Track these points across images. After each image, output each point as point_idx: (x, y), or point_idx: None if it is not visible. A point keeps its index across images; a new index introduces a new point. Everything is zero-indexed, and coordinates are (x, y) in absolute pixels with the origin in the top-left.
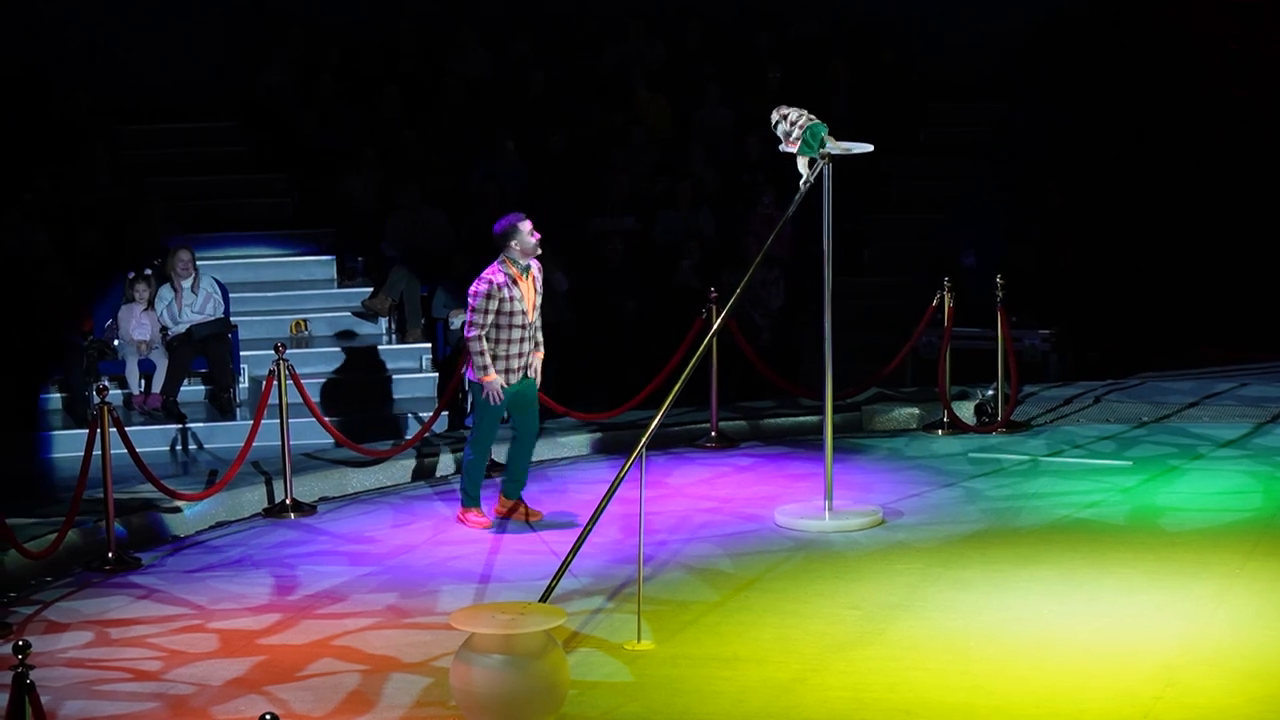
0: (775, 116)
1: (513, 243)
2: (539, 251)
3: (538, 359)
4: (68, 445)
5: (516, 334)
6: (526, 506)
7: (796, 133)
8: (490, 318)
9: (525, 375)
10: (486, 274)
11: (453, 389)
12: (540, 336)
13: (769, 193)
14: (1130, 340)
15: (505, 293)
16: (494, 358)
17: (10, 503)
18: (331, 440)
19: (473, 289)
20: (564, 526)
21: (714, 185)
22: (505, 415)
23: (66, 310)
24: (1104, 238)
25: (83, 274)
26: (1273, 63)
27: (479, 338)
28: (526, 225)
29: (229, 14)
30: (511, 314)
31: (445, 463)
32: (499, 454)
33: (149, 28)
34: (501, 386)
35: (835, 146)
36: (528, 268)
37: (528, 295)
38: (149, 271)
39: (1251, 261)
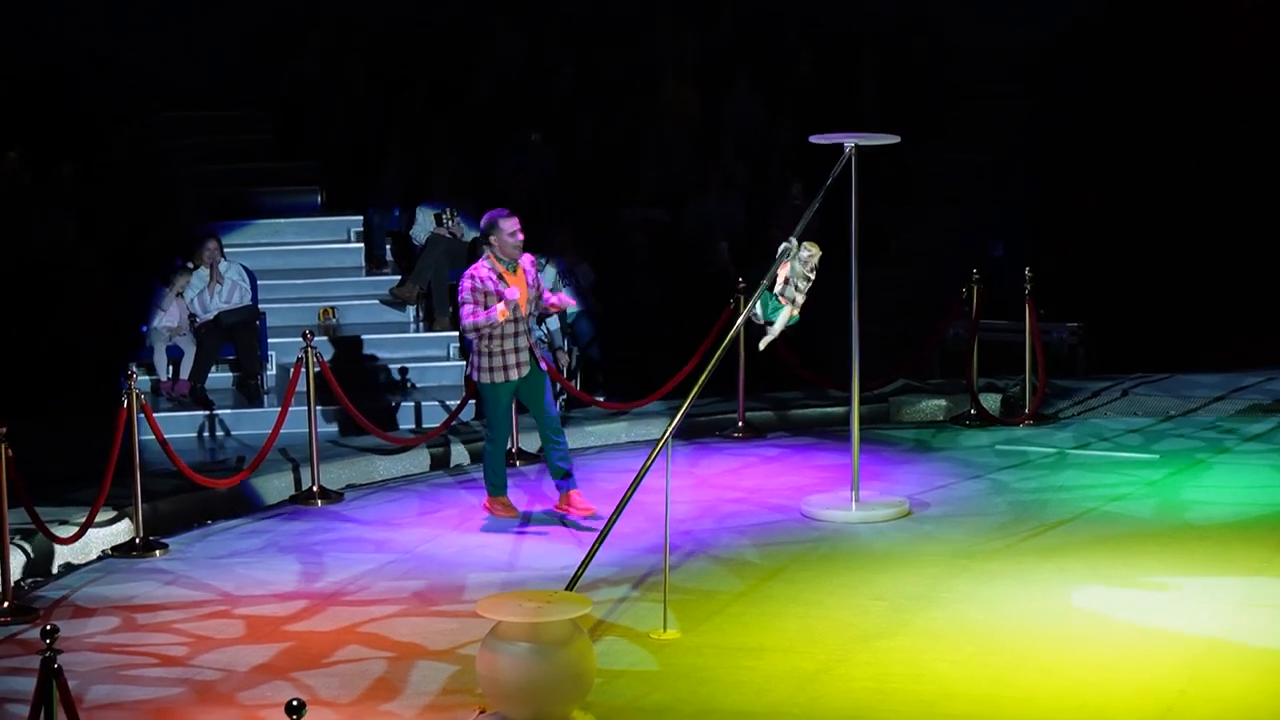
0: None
1: (493, 239)
2: (519, 252)
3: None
4: (96, 430)
5: (510, 328)
6: (569, 498)
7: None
8: (477, 308)
9: (531, 368)
10: (471, 270)
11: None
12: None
13: (797, 183)
14: (1158, 334)
15: (490, 287)
16: (490, 355)
17: (38, 486)
18: (359, 428)
19: (460, 285)
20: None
21: (743, 176)
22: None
23: (97, 299)
24: (1133, 232)
25: (113, 263)
26: None
27: (472, 312)
28: (509, 225)
29: (257, 2)
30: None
31: (472, 451)
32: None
33: (175, 16)
34: (503, 381)
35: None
36: (515, 263)
37: (519, 290)
38: (190, 264)
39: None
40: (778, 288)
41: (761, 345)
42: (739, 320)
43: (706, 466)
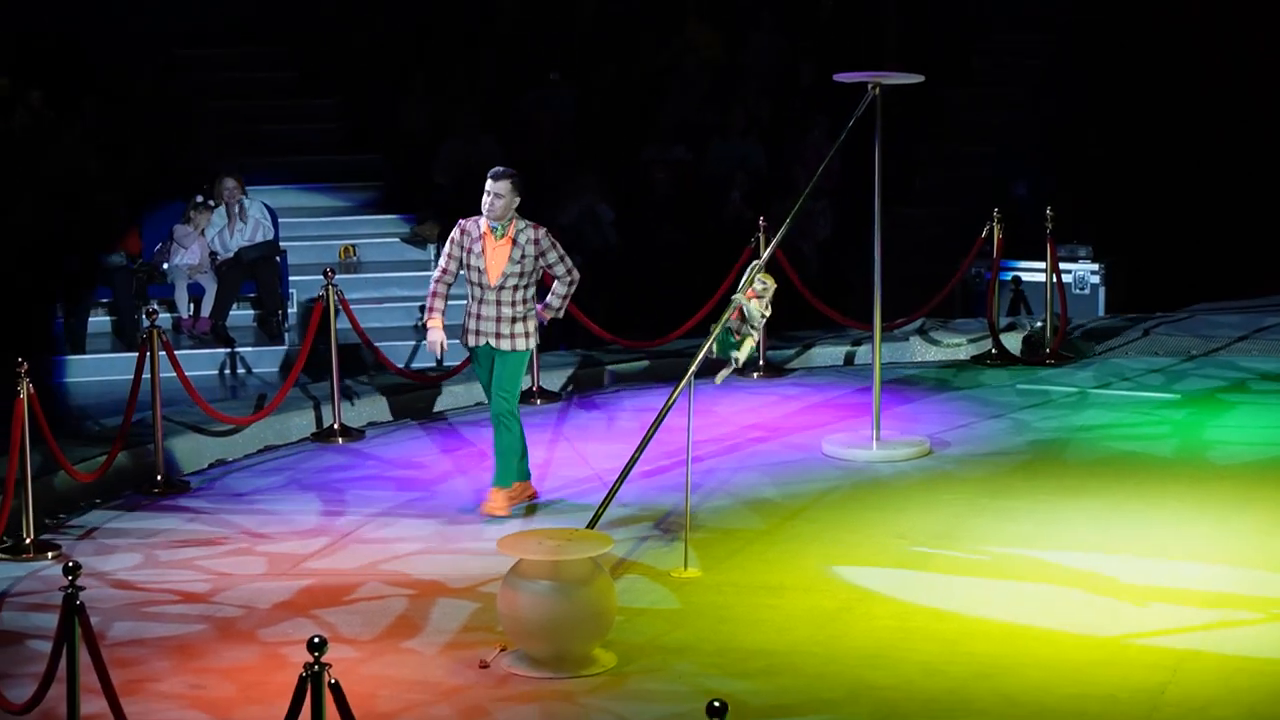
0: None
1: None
2: (496, 216)
3: (549, 309)
4: (117, 368)
5: (476, 293)
6: (494, 501)
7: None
8: (452, 263)
9: (488, 344)
10: (463, 220)
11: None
12: (554, 296)
13: (820, 122)
14: (1180, 273)
15: (466, 242)
16: (466, 313)
17: (60, 425)
18: (380, 365)
19: None
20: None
21: (764, 115)
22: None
23: (116, 234)
24: (1155, 171)
25: (133, 198)
26: None
27: (436, 279)
28: (488, 184)
29: None
30: (469, 268)
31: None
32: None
33: None
34: (444, 342)
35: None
36: (503, 230)
37: (491, 257)
38: (211, 203)
39: None
40: (735, 324)
41: (718, 379)
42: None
43: (727, 405)
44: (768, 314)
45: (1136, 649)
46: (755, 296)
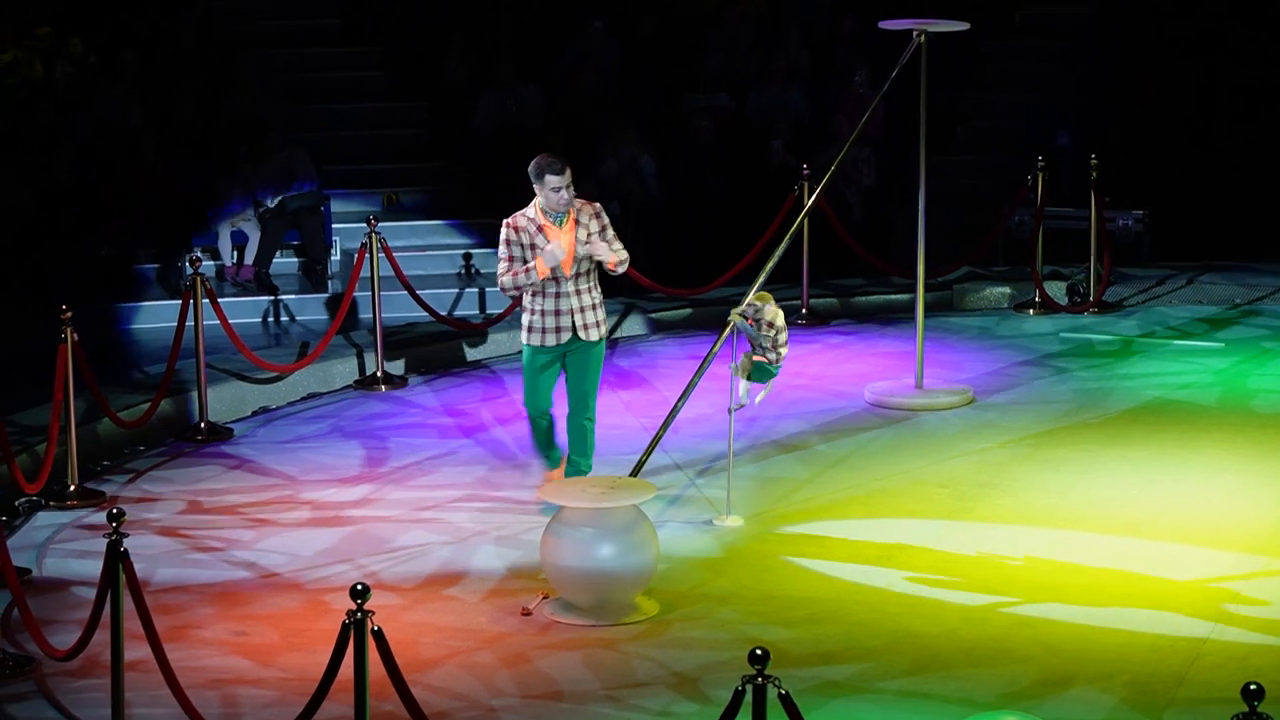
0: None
1: (536, 187)
2: (566, 207)
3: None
4: (161, 316)
5: (550, 287)
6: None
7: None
8: (517, 263)
9: (575, 336)
10: (512, 217)
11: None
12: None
13: (862, 71)
14: (1224, 222)
15: (526, 238)
16: (530, 311)
17: (104, 372)
18: (423, 313)
19: (501, 234)
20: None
21: (807, 63)
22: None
23: (161, 182)
24: (1200, 120)
25: (176, 147)
26: None
27: (508, 269)
28: (552, 180)
29: None
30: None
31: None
32: None
33: None
34: (539, 345)
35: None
36: (563, 216)
37: (562, 244)
38: (256, 151)
39: None
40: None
41: (757, 400)
42: (796, 222)
43: None
44: (779, 324)
45: (1178, 598)
46: (749, 319)
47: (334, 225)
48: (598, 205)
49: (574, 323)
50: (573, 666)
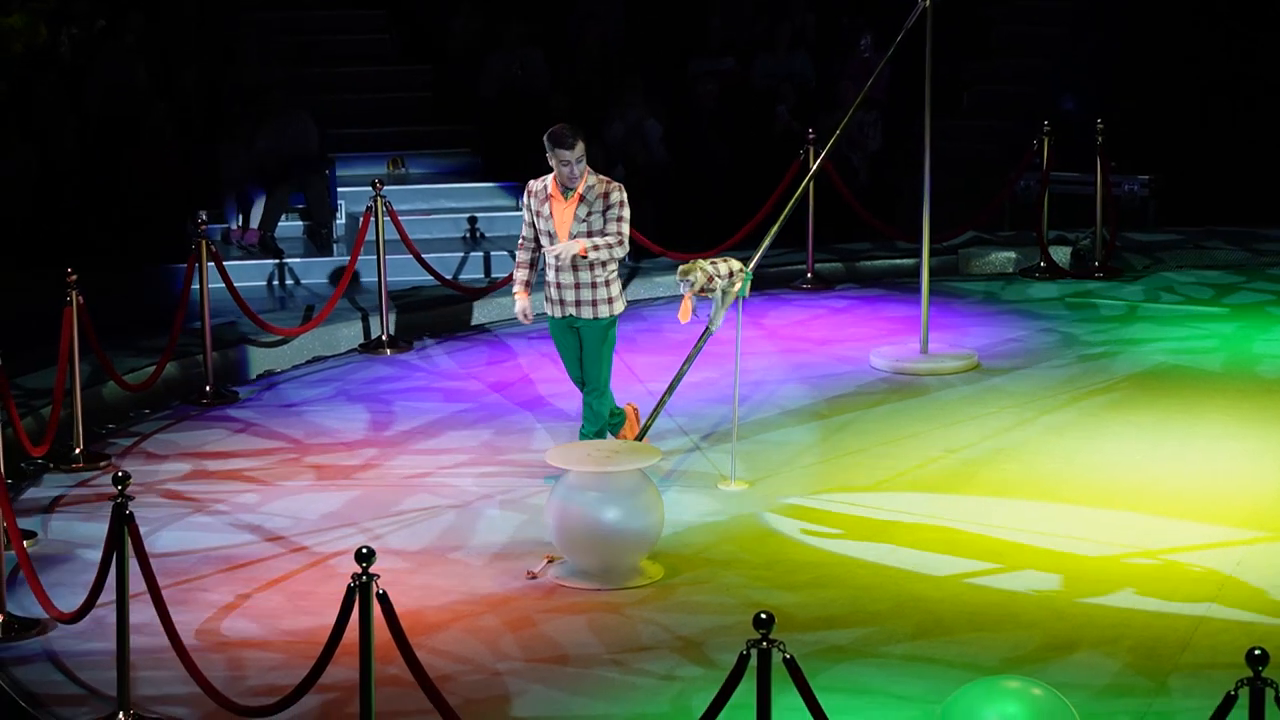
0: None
1: (549, 158)
2: (576, 181)
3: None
4: (166, 279)
5: (552, 259)
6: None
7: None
8: (527, 229)
9: (577, 313)
10: (531, 182)
11: None
12: (595, 237)
13: (867, 35)
14: (1229, 187)
15: (534, 204)
16: (545, 282)
17: (109, 335)
18: (428, 277)
19: None
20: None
21: (812, 28)
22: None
23: (165, 146)
24: (1205, 83)
25: (180, 110)
26: None
27: (520, 245)
28: (561, 153)
29: None
30: (540, 232)
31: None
32: None
33: None
34: (529, 311)
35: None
36: (572, 189)
37: (559, 219)
38: (260, 114)
39: None
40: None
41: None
42: (801, 186)
43: (775, 318)
44: (722, 271)
45: (1182, 564)
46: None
47: (339, 189)
48: (616, 185)
49: (571, 298)
50: (578, 630)
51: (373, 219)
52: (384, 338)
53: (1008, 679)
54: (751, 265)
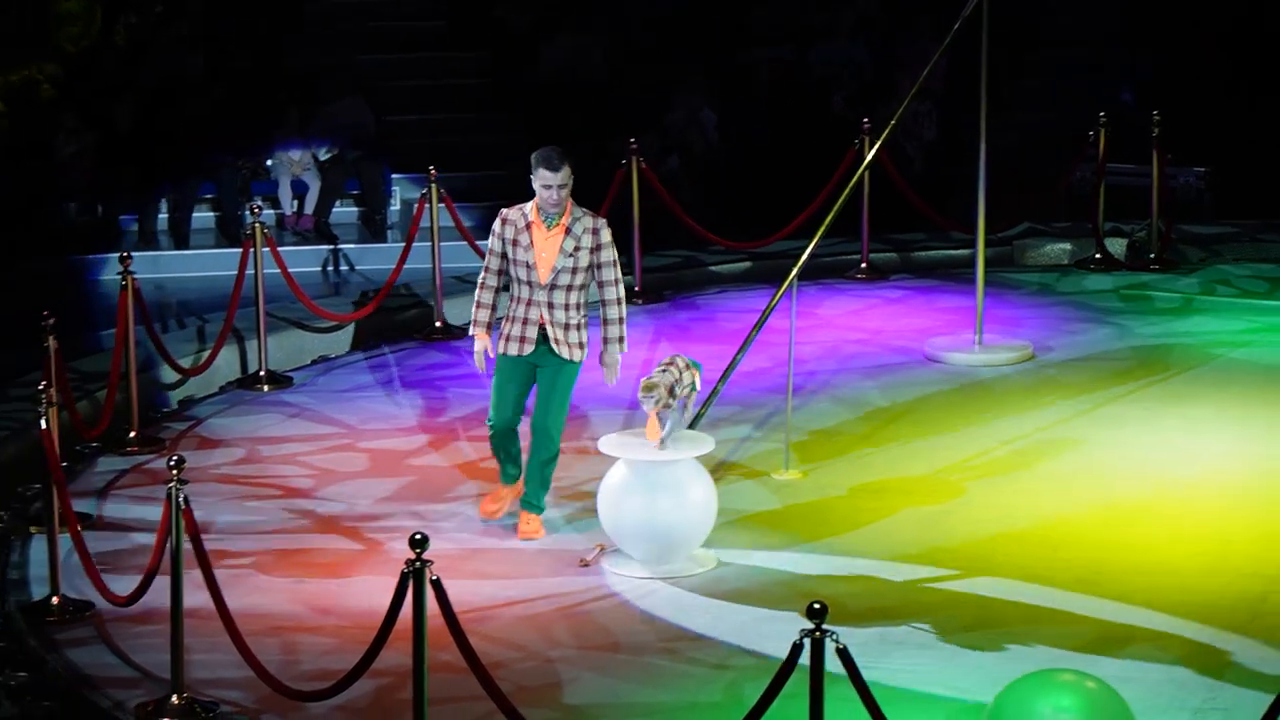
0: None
1: (532, 178)
2: (556, 209)
3: (607, 354)
4: (221, 264)
5: (524, 292)
6: (523, 515)
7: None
8: (495, 259)
9: (544, 347)
10: (505, 210)
11: (605, 210)
12: (609, 324)
13: (924, 26)
14: None
15: (510, 233)
16: (503, 316)
17: (163, 320)
18: (481, 263)
19: None
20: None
21: (870, 17)
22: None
23: (219, 131)
24: (1262, 75)
25: (236, 96)
26: None
27: (480, 283)
28: (544, 175)
29: None
30: (515, 263)
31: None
32: None
33: None
34: (491, 352)
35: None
36: (556, 219)
37: (540, 250)
38: (315, 100)
39: None
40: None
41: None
42: (855, 175)
43: (829, 307)
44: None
45: (1237, 557)
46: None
47: (393, 175)
48: (602, 221)
49: (541, 335)
50: (630, 618)
51: (427, 205)
52: (438, 324)
53: (1062, 672)
54: (805, 256)
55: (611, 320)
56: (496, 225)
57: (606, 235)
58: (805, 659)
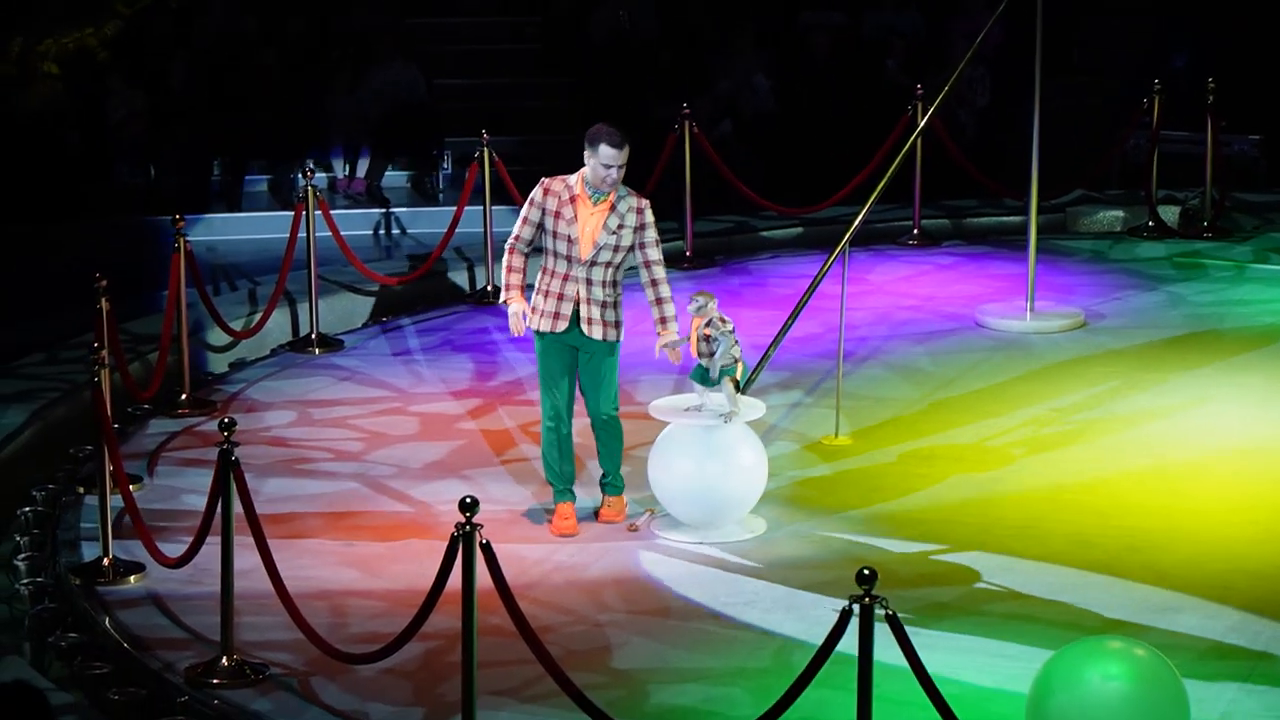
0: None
1: (586, 155)
2: (610, 188)
3: (666, 335)
4: (273, 227)
5: (560, 266)
6: (605, 501)
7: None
8: (528, 229)
9: (577, 328)
10: (548, 179)
11: (658, 175)
12: (661, 303)
13: None
14: None
15: (552, 204)
16: (537, 290)
17: (215, 282)
18: None
19: None
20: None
21: None
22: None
23: (273, 94)
24: None
25: (290, 58)
26: None
27: (510, 248)
28: (607, 152)
29: None
30: (555, 236)
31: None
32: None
33: None
34: (537, 330)
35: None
36: (603, 195)
37: (584, 225)
38: (368, 64)
39: None
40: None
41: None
42: (909, 142)
43: (881, 273)
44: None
45: None
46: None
47: (445, 138)
48: (645, 201)
49: (576, 313)
50: (679, 583)
51: (479, 168)
52: (489, 288)
53: (1110, 639)
54: (857, 222)
55: (665, 299)
56: (537, 194)
57: (650, 215)
58: (855, 625)
